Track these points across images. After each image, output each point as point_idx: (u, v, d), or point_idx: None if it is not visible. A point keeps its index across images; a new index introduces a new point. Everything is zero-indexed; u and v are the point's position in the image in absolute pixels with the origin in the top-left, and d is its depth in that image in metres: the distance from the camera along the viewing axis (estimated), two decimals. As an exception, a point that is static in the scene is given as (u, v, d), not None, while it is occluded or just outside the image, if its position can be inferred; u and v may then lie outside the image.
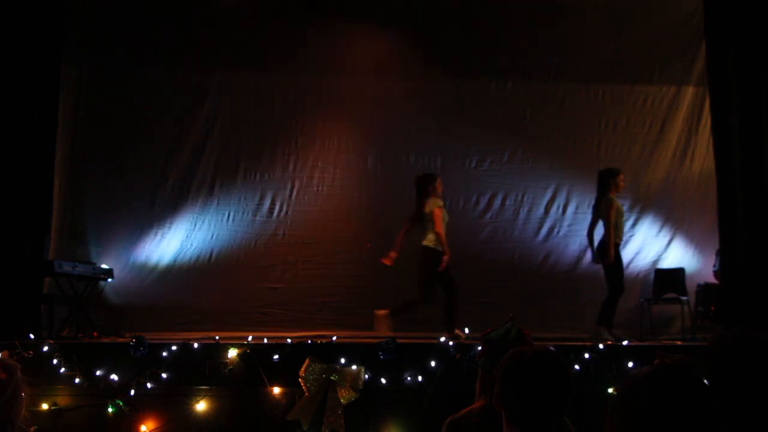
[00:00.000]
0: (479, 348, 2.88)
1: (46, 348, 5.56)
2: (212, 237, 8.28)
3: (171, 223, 8.24)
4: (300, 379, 5.30)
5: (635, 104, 8.51)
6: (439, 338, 6.10)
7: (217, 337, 6.15)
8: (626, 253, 8.29)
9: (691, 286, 7.84)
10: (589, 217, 7.84)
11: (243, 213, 8.38)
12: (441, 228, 7.01)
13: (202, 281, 8.11)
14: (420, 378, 5.42)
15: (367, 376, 5.36)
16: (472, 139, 8.47)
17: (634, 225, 8.37)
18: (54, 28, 7.38)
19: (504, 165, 8.48)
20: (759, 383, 1.69)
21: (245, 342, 5.71)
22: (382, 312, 7.02)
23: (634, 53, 8.38)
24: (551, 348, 2.47)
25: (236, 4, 8.32)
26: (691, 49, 8.32)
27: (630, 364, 5.40)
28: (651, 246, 8.33)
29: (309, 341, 5.95)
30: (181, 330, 7.33)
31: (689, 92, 8.44)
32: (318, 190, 8.41)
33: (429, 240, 7.03)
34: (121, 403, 5.36)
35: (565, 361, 2.14)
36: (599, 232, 7.25)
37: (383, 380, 5.42)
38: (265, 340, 5.82)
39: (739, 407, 1.65)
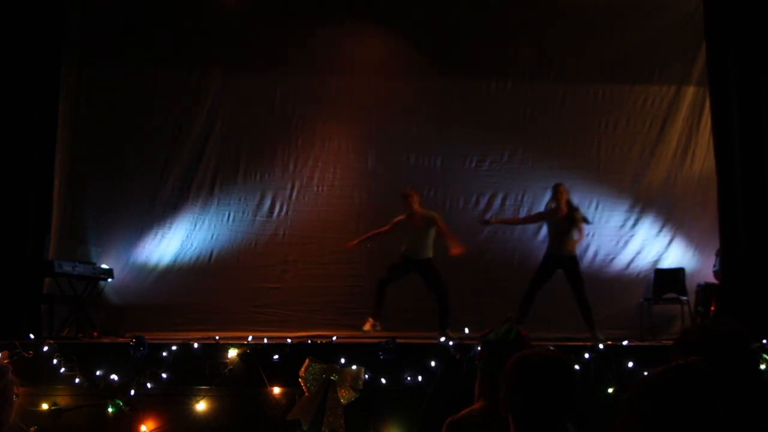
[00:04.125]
0: (478, 349, 2.87)
1: (46, 348, 5.56)
2: (212, 237, 8.28)
3: (171, 223, 8.24)
4: (300, 379, 5.30)
5: (635, 104, 8.50)
6: (439, 338, 6.10)
7: (217, 337, 6.15)
8: (626, 253, 8.31)
9: (691, 286, 7.84)
10: (590, 217, 7.84)
11: (243, 213, 8.38)
12: None
13: (202, 281, 8.11)
14: (420, 378, 5.42)
15: (367, 376, 5.36)
16: (472, 139, 8.47)
17: (634, 225, 8.37)
18: (54, 28, 7.38)
19: (504, 165, 8.48)
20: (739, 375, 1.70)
21: (245, 342, 5.70)
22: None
23: (634, 53, 8.38)
24: (551, 348, 2.47)
25: (237, 5, 8.33)
26: (691, 49, 8.31)
27: (630, 364, 5.40)
28: (651, 246, 8.32)
29: (309, 341, 5.95)
30: (181, 330, 7.33)
31: (689, 92, 8.43)
32: (318, 190, 8.41)
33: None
34: (121, 403, 5.35)
35: (569, 363, 2.14)
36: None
37: (383, 380, 5.41)
38: (265, 340, 5.81)
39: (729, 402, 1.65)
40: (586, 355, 5.50)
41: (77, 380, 5.43)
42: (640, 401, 1.39)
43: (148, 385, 5.40)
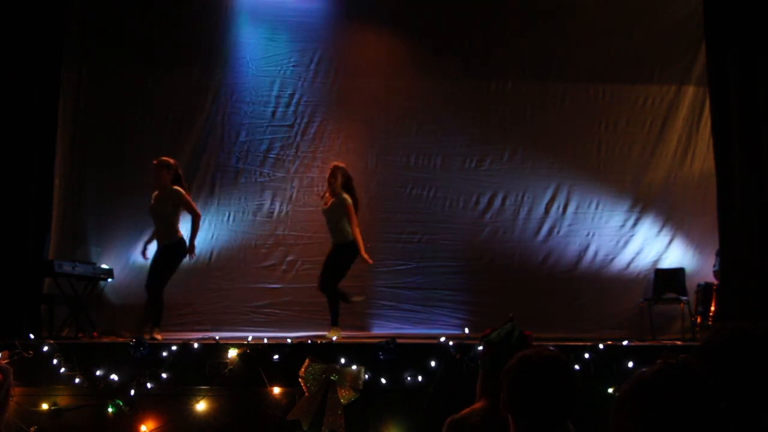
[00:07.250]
0: (480, 349, 2.87)
1: (46, 348, 5.55)
2: (212, 237, 8.27)
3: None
4: (300, 379, 5.30)
5: (635, 104, 8.50)
6: (439, 338, 6.10)
7: (217, 337, 6.14)
8: (626, 253, 8.31)
9: (691, 286, 7.84)
10: (590, 217, 7.84)
11: (243, 213, 8.37)
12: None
13: (202, 281, 8.10)
14: (420, 378, 5.42)
15: (367, 376, 5.36)
16: (472, 139, 8.47)
17: (634, 225, 8.37)
18: (54, 27, 7.38)
19: (504, 165, 8.48)
20: (755, 378, 1.69)
21: (245, 342, 5.70)
22: None
23: (634, 53, 8.38)
24: (551, 348, 2.47)
25: (237, 4, 8.33)
26: (691, 49, 8.32)
27: (630, 364, 5.40)
28: (651, 246, 8.32)
29: (309, 341, 5.95)
30: (181, 330, 7.33)
31: (689, 92, 8.43)
32: (318, 190, 8.40)
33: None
34: (121, 403, 5.35)
35: (569, 363, 2.15)
36: None
37: (383, 380, 5.41)
38: (265, 340, 5.82)
39: (737, 403, 1.65)
40: (586, 355, 5.50)
41: (77, 380, 5.43)
42: (634, 400, 1.39)
43: (148, 385, 5.40)
